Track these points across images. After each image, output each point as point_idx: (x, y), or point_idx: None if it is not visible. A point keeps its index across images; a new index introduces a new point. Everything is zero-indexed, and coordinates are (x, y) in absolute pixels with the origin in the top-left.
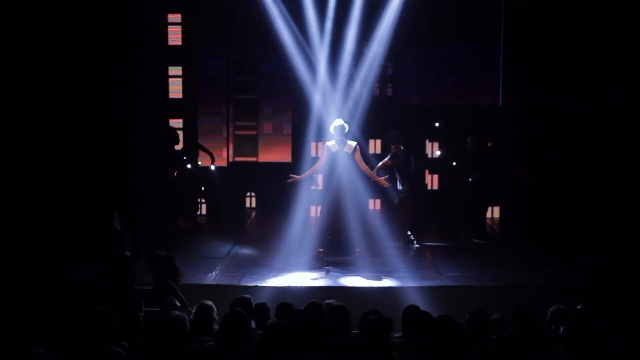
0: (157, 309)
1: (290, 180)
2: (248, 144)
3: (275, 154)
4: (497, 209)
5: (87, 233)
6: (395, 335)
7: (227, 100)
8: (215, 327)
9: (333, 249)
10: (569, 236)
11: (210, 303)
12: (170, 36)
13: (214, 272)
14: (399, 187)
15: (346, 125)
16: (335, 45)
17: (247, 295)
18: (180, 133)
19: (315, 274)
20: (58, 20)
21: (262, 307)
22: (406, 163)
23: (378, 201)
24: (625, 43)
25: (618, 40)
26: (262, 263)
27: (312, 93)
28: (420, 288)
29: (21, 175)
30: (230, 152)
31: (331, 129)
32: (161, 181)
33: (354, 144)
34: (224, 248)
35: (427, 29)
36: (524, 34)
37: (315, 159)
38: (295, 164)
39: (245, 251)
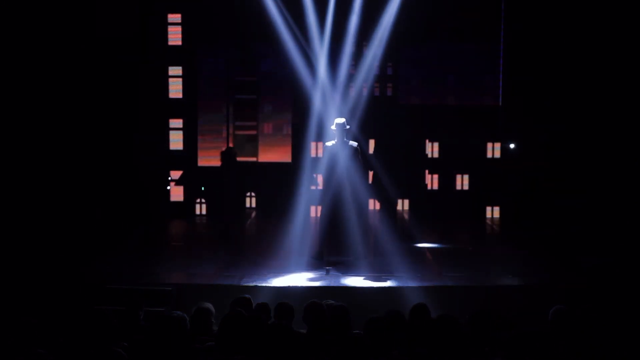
0: (159, 309)
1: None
2: (248, 144)
3: (275, 154)
4: (497, 209)
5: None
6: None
7: (227, 100)
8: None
9: (333, 249)
10: (569, 236)
11: (208, 306)
12: (170, 36)
13: (214, 272)
14: None
15: (342, 121)
16: (335, 45)
17: (247, 295)
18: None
19: (315, 274)
20: (58, 21)
21: (263, 307)
22: None
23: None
24: (625, 42)
25: (618, 39)
26: (262, 263)
27: (312, 93)
28: (420, 288)
29: (25, 176)
30: None
31: (332, 127)
32: None
33: (355, 144)
34: (226, 249)
35: (427, 29)
36: (524, 34)
37: (315, 159)
38: (295, 164)
39: (245, 251)
